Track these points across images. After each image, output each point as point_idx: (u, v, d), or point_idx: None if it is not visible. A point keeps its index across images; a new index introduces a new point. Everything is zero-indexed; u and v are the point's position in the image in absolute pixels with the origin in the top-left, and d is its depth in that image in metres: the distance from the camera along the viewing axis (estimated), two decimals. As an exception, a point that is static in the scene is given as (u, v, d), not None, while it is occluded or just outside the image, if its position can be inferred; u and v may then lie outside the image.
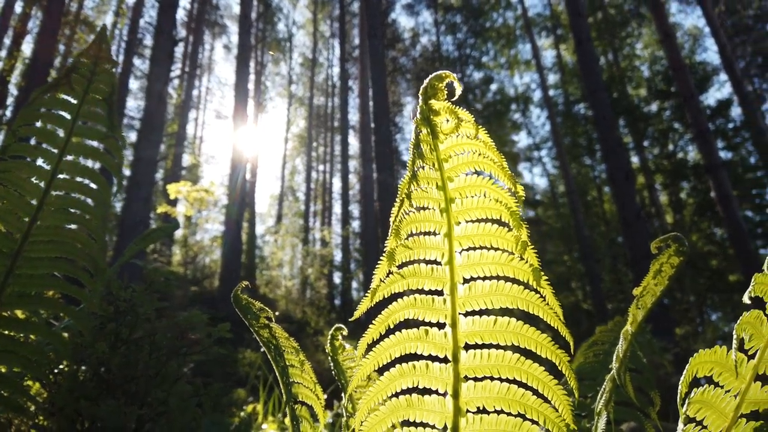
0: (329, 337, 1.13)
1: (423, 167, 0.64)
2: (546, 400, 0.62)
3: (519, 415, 0.63)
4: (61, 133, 1.26)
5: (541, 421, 0.62)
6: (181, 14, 26.25)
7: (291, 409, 0.84)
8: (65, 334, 1.55)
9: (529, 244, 0.63)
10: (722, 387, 0.57)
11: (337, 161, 31.98)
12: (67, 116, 1.25)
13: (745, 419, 0.57)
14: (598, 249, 22.10)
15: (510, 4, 26.23)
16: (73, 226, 1.32)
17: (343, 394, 1.03)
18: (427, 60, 28.35)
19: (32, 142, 1.38)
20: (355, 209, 29.98)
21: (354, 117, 28.37)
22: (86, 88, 1.24)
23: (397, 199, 0.66)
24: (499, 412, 0.64)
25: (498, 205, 0.64)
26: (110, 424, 1.61)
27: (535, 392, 0.63)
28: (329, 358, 1.09)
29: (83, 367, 1.86)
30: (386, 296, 0.69)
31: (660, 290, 0.92)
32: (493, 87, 28.52)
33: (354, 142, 30.14)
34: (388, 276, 0.68)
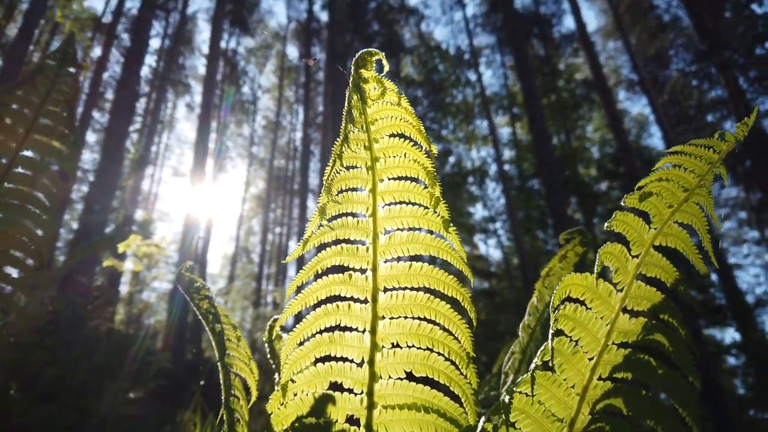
0: (267, 326, 1.18)
1: (353, 130, 0.74)
2: (450, 334, 0.70)
3: (427, 348, 0.71)
4: (20, 129, 1.31)
5: (446, 352, 0.70)
6: (145, 71, 26.48)
7: (224, 369, 0.89)
8: None
9: (441, 199, 0.73)
10: (595, 313, 0.66)
11: (295, 224, 31.92)
12: (28, 113, 1.31)
13: (616, 347, 0.66)
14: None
15: (469, 82, 27.57)
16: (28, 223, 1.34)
17: (276, 374, 1.07)
18: (389, 130, 29.13)
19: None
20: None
21: (314, 180, 28.65)
22: (49, 88, 1.31)
23: (330, 160, 0.76)
24: (410, 347, 0.71)
25: (416, 165, 0.74)
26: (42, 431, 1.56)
27: (442, 327, 0.71)
28: (266, 344, 1.14)
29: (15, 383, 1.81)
30: (317, 246, 0.77)
31: (565, 273, 1.02)
32: (452, 159, 29.44)
33: (312, 206, 30.28)
34: (319, 228, 0.77)
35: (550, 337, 0.64)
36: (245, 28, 28.98)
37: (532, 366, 0.64)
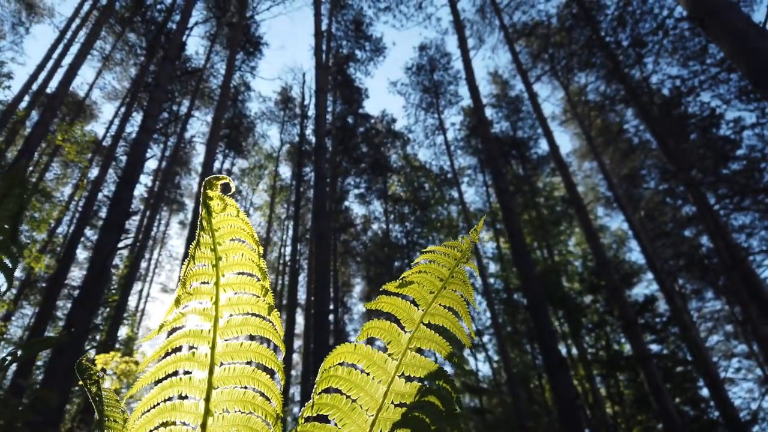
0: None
1: (203, 236, 0.94)
2: (267, 399, 0.86)
3: (250, 412, 0.86)
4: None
5: (263, 415, 0.85)
6: (141, 190, 27.28)
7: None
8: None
9: (269, 290, 0.92)
10: (373, 377, 0.81)
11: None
12: (-22, 227, 1.52)
13: (394, 406, 0.82)
14: (541, 441, 21.46)
15: (453, 200, 28.55)
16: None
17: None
18: (377, 244, 29.75)
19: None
20: (296, 391, 28.75)
21: (302, 295, 28.66)
22: (-2, 206, 1.53)
23: (186, 260, 0.95)
24: (236, 411, 0.86)
25: (251, 262, 0.93)
26: None
27: (261, 394, 0.87)
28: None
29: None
30: (171, 330, 0.95)
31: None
32: (438, 274, 29.62)
33: (300, 320, 29.95)
34: (174, 315, 0.94)
35: (313, 392, 0.80)
36: (240, 150, 30.29)
37: (300, 417, 0.80)
